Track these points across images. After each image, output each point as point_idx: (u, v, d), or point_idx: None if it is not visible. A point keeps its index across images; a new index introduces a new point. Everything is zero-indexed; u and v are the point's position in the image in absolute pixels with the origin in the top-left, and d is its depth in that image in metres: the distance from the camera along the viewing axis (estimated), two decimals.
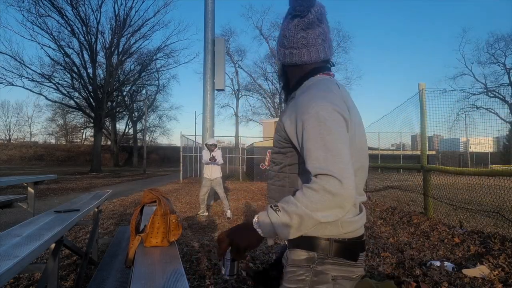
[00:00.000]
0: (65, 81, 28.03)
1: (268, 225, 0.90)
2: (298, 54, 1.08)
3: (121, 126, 49.67)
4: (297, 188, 1.02)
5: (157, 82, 43.22)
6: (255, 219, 0.94)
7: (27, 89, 26.33)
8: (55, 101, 31.83)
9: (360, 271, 1.05)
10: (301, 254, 1.01)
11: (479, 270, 2.99)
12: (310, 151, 0.90)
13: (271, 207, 0.92)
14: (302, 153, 0.95)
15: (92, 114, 28.15)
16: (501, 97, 34.17)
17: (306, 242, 1.00)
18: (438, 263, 3.24)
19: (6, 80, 24.73)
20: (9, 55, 24.03)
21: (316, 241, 0.99)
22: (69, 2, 24.47)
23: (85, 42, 26.55)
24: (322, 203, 0.85)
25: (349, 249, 1.01)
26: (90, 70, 27.57)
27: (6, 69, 24.47)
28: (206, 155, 6.46)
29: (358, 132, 1.05)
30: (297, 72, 1.12)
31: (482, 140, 6.73)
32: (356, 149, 1.02)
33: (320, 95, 0.97)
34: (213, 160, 6.36)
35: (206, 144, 6.62)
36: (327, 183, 0.85)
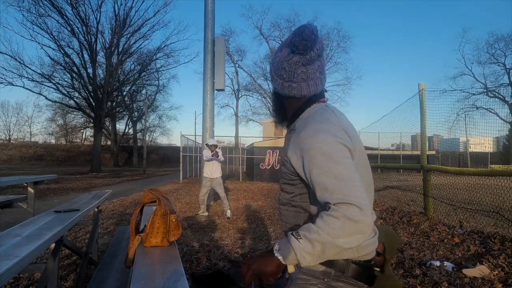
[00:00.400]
0: (65, 81, 28.05)
1: (290, 252, 0.91)
2: (297, 88, 1.10)
3: (121, 126, 49.73)
4: (310, 212, 1.06)
5: (157, 82, 43.25)
6: (276, 246, 0.96)
7: (27, 89, 26.33)
8: (55, 101, 31.82)
9: None
10: (318, 266, 1.03)
11: (479, 270, 2.99)
12: (324, 184, 0.92)
13: (292, 234, 0.93)
14: (313, 186, 0.96)
15: (92, 114, 28.15)
16: (501, 97, 34.19)
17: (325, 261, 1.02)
18: (438, 263, 3.24)
19: (6, 80, 24.74)
20: (9, 55, 24.03)
21: (334, 260, 1.02)
22: (69, 2, 24.48)
23: (85, 42, 26.55)
24: (344, 230, 0.87)
25: (365, 272, 1.03)
26: (90, 70, 27.58)
27: (6, 69, 24.47)
28: (207, 152, 6.46)
29: (361, 154, 1.08)
30: (294, 103, 1.14)
31: (482, 140, 6.73)
32: (362, 172, 1.05)
33: (321, 129, 0.99)
34: (215, 155, 6.34)
35: (206, 145, 6.63)
36: (348, 211, 0.87)
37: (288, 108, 1.18)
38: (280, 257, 0.95)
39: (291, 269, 0.97)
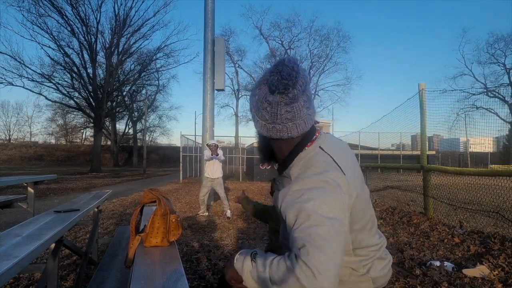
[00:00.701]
0: (65, 81, 28.08)
1: (240, 268, 0.97)
2: (283, 130, 0.98)
3: (121, 126, 49.76)
4: None
5: (157, 82, 43.30)
6: (237, 255, 1.00)
7: (27, 89, 26.36)
8: (55, 101, 31.83)
9: None
10: None
11: (479, 270, 2.99)
12: (297, 239, 0.86)
13: (251, 254, 0.97)
14: (290, 228, 0.91)
15: (92, 114, 28.16)
16: (501, 97, 34.20)
17: None
18: (438, 263, 3.24)
19: (6, 80, 24.77)
20: (9, 55, 24.06)
21: None
22: (69, 2, 24.51)
23: (85, 42, 26.56)
24: (285, 283, 0.82)
25: None
26: (90, 70, 27.60)
27: (6, 69, 24.51)
28: (208, 152, 6.45)
29: (361, 187, 1.06)
30: (283, 146, 1.05)
31: (482, 140, 6.73)
32: (361, 206, 1.05)
33: (317, 183, 0.92)
34: (215, 153, 6.33)
35: (207, 145, 6.63)
36: (302, 274, 0.80)
37: (277, 151, 1.08)
38: (235, 265, 0.99)
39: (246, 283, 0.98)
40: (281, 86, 0.93)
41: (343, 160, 1.02)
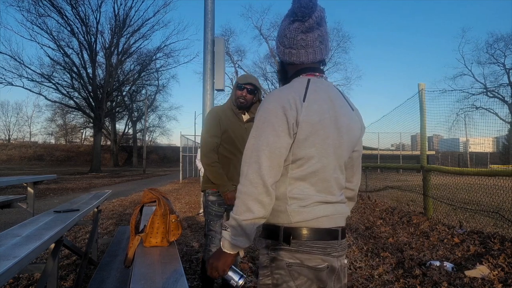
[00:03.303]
0: (65, 81, 28.05)
1: (228, 243, 1.03)
2: (296, 54, 1.14)
3: (120, 126, 49.71)
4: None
5: (156, 82, 43.22)
6: (221, 243, 1.06)
7: (26, 89, 26.33)
8: (54, 101, 31.82)
9: (329, 261, 1.06)
10: (262, 242, 1.13)
11: (479, 271, 2.99)
12: (245, 149, 1.05)
13: (223, 228, 1.06)
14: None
15: (92, 114, 28.13)
16: (501, 97, 34.23)
17: (264, 232, 1.12)
18: (437, 263, 3.24)
19: (6, 80, 24.72)
20: (9, 55, 24.01)
21: (270, 229, 1.10)
22: (68, 2, 24.48)
23: (85, 42, 26.54)
24: (242, 205, 1.00)
25: (293, 234, 1.05)
26: (89, 70, 27.56)
27: (5, 69, 24.48)
28: (199, 163, 6.40)
29: (323, 132, 1.06)
30: (291, 70, 1.19)
31: (481, 140, 6.73)
32: (317, 147, 1.05)
33: (272, 97, 1.07)
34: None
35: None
36: (243, 186, 0.99)
37: (289, 75, 1.22)
38: (226, 251, 1.05)
39: (241, 253, 1.09)
40: (300, 13, 1.08)
41: (321, 100, 1.08)
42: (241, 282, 1.10)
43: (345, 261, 1.16)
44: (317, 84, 1.11)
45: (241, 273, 1.12)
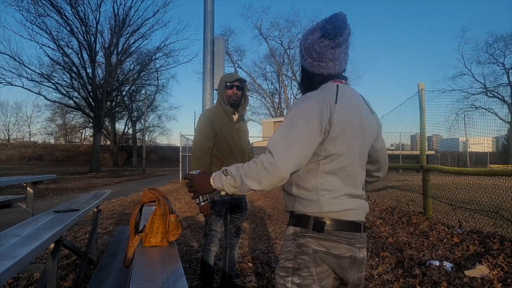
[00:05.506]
0: (64, 81, 28.00)
1: (219, 183, 1.14)
2: (325, 67, 1.24)
3: (120, 126, 49.68)
4: (291, 184, 1.21)
5: (156, 82, 43.22)
6: (213, 175, 1.17)
7: (26, 89, 26.32)
8: (54, 101, 31.76)
9: (352, 251, 1.15)
10: (290, 229, 1.21)
11: (479, 270, 3.00)
12: (274, 135, 1.12)
13: (223, 171, 1.15)
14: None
15: (92, 114, 28.11)
16: (500, 97, 34.27)
17: (293, 220, 1.21)
18: (437, 263, 3.24)
19: (5, 80, 24.71)
20: (8, 55, 23.99)
21: (300, 218, 1.18)
22: (68, 1, 24.46)
23: (84, 42, 26.51)
24: (255, 173, 1.07)
25: (324, 224, 1.14)
26: (89, 70, 27.53)
27: (5, 69, 24.45)
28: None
29: (351, 132, 1.18)
30: (319, 79, 1.29)
31: (481, 140, 6.73)
32: (347, 145, 1.18)
33: (305, 98, 1.16)
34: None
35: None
36: (265, 157, 1.07)
37: (315, 83, 1.32)
38: (213, 184, 1.17)
39: (222, 192, 1.17)
40: (333, 34, 1.18)
41: (349, 104, 1.19)
42: (203, 203, 1.46)
43: (365, 253, 1.24)
44: (344, 90, 1.23)
45: (208, 198, 1.41)
